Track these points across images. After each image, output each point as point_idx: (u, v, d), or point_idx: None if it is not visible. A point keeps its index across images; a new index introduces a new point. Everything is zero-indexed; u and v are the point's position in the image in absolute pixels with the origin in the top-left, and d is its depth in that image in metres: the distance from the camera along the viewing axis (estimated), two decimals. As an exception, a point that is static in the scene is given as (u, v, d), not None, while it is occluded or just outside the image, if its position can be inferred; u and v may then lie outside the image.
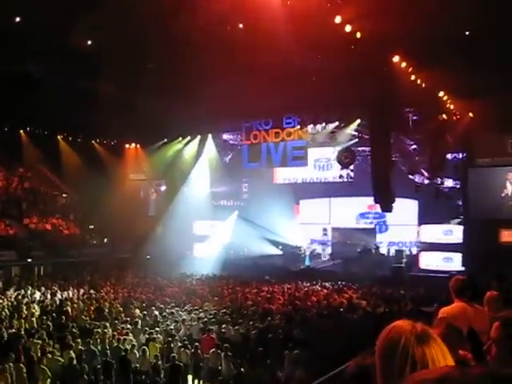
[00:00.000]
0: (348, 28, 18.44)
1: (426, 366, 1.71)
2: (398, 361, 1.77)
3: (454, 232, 28.51)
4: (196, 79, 24.13)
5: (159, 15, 19.26)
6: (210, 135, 35.45)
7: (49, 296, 22.09)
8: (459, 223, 28.39)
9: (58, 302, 20.84)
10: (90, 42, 22.70)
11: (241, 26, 20.34)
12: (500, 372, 1.05)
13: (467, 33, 20.02)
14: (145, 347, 14.24)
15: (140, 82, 24.92)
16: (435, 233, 29.07)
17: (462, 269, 24.36)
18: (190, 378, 14.05)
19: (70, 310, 19.09)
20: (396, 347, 1.78)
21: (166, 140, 36.05)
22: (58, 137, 35.69)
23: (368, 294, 22.23)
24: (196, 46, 20.59)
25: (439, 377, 1.05)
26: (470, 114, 25.55)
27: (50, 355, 13.29)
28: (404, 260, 28.73)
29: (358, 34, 18.67)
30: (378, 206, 26.06)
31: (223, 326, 16.26)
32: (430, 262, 28.18)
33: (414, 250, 30.43)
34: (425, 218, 29.79)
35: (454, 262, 26.93)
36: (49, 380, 12.19)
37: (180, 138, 36.14)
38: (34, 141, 34.50)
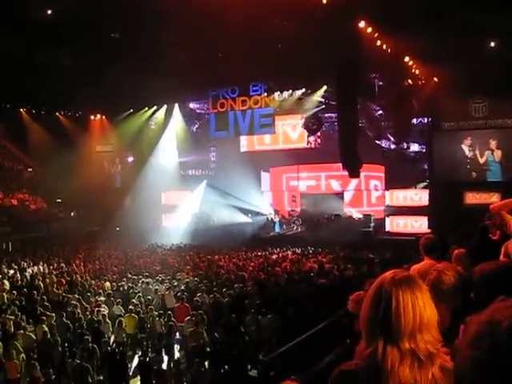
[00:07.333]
0: (314, -7, 18.39)
1: (399, 309, 1.87)
2: (375, 304, 1.92)
3: (420, 196, 29.07)
4: (161, 48, 23.75)
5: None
6: (176, 105, 35.12)
7: (19, 271, 21.85)
8: (425, 187, 28.90)
9: (28, 278, 20.68)
10: (50, 12, 22.12)
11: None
12: None
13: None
14: (121, 319, 14.32)
15: (104, 51, 24.44)
16: (402, 197, 29.59)
17: (429, 231, 24.86)
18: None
19: (41, 285, 18.99)
20: (374, 291, 1.95)
21: (131, 110, 35.54)
22: (21, 110, 34.89)
23: (337, 258, 22.56)
24: (161, 14, 20.22)
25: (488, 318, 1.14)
26: (435, 79, 25.79)
27: (22, 331, 13.27)
28: (372, 224, 29.22)
29: (324, 0, 18.61)
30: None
31: (198, 294, 16.38)
32: (397, 225, 28.74)
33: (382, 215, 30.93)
34: (391, 182, 30.25)
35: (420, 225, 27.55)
36: (22, 355, 12.14)
37: (146, 108, 35.70)
38: (-4, 115, 33.70)
